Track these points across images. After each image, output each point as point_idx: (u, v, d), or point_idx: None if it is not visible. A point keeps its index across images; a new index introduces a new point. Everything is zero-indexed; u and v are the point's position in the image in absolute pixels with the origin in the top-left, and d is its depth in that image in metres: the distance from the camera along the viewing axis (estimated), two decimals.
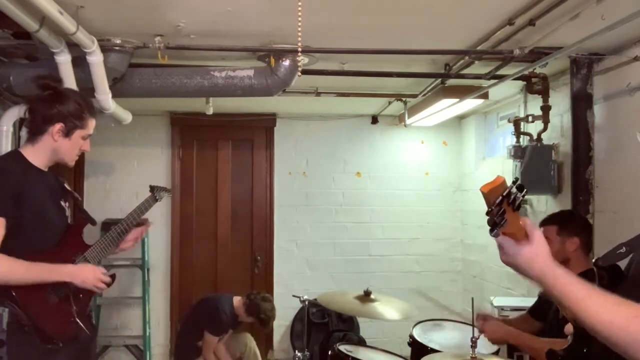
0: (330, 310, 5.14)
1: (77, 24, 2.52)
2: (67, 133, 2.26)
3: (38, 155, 2.26)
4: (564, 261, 2.57)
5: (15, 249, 2.09)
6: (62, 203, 2.36)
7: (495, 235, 1.22)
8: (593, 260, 1.46)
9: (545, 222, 2.80)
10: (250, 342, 4.46)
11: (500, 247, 1.25)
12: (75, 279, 2.23)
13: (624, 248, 1.40)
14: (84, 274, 2.26)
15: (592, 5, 2.41)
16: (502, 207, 1.18)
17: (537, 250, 1.21)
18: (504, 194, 1.18)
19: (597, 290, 1.16)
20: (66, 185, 2.44)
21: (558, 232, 2.69)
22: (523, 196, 1.21)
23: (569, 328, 1.52)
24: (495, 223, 1.19)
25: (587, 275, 2.59)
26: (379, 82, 4.07)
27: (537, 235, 1.23)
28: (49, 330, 2.17)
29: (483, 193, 1.21)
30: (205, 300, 4.34)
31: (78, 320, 2.27)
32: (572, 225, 2.70)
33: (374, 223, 5.59)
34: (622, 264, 1.47)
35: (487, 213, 1.20)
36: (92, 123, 2.35)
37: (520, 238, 1.23)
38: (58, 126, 2.23)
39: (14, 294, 2.09)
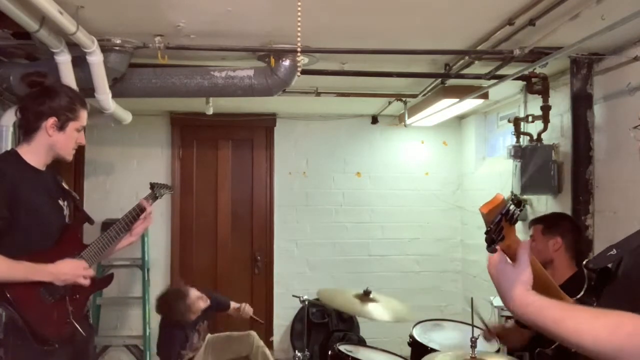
0: (330, 310, 5.16)
1: (77, 24, 2.52)
2: (61, 126, 2.25)
3: (35, 153, 2.25)
4: (547, 262, 2.61)
5: (12, 249, 2.08)
6: (60, 202, 2.35)
7: (492, 251, 1.22)
8: (584, 263, 1.46)
9: (534, 222, 2.83)
10: (257, 341, 4.26)
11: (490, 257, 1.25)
12: (56, 278, 2.19)
13: (614, 250, 1.40)
14: (62, 270, 2.20)
15: (592, 5, 2.41)
16: (500, 225, 1.18)
17: (518, 274, 1.20)
18: (503, 212, 1.18)
19: (572, 307, 1.16)
20: (64, 185, 2.43)
21: (542, 231, 2.72)
22: (520, 211, 1.21)
23: None
24: (493, 240, 1.19)
25: (576, 279, 2.61)
26: (379, 82, 4.07)
27: (524, 260, 1.22)
28: (44, 331, 2.16)
29: (482, 213, 1.21)
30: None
31: (73, 321, 2.26)
32: (557, 226, 2.71)
33: (374, 223, 5.59)
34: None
35: (486, 232, 1.20)
36: (84, 114, 2.34)
37: (513, 251, 1.23)
38: (51, 120, 2.23)
39: (8, 295, 2.09)
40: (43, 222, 2.24)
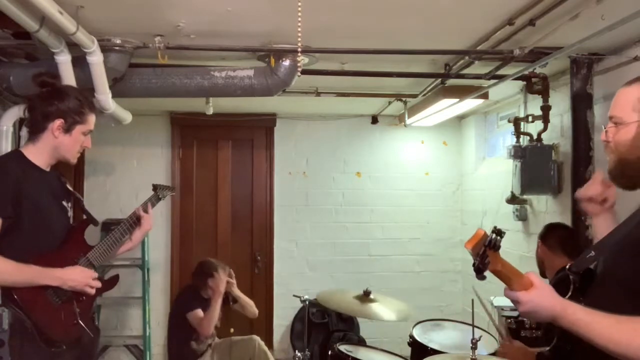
0: (330, 310, 5.14)
1: (77, 24, 2.52)
2: (68, 129, 2.25)
3: (40, 154, 2.25)
4: (541, 261, 3.12)
5: (16, 250, 2.08)
6: (64, 203, 2.35)
7: (482, 279, 1.40)
8: (567, 266, 1.59)
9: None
10: (259, 343, 4.33)
11: (516, 302, 1.41)
12: (63, 283, 2.19)
13: (592, 252, 1.55)
14: (72, 276, 2.21)
15: (592, 5, 2.41)
16: (485, 254, 1.35)
17: (541, 290, 1.38)
18: (486, 244, 1.36)
19: (597, 314, 1.32)
20: (68, 186, 2.43)
21: (539, 237, 3.18)
22: (501, 238, 1.36)
23: None
24: (480, 269, 1.36)
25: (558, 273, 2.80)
26: (379, 82, 4.07)
27: (535, 278, 1.40)
28: (52, 333, 2.16)
29: (468, 249, 1.39)
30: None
31: (81, 323, 2.26)
32: (544, 234, 3.13)
33: (374, 223, 5.59)
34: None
35: (473, 265, 1.38)
36: (92, 118, 2.34)
37: (504, 275, 1.40)
38: (58, 122, 2.23)
39: (15, 296, 2.08)
40: (48, 223, 2.24)
